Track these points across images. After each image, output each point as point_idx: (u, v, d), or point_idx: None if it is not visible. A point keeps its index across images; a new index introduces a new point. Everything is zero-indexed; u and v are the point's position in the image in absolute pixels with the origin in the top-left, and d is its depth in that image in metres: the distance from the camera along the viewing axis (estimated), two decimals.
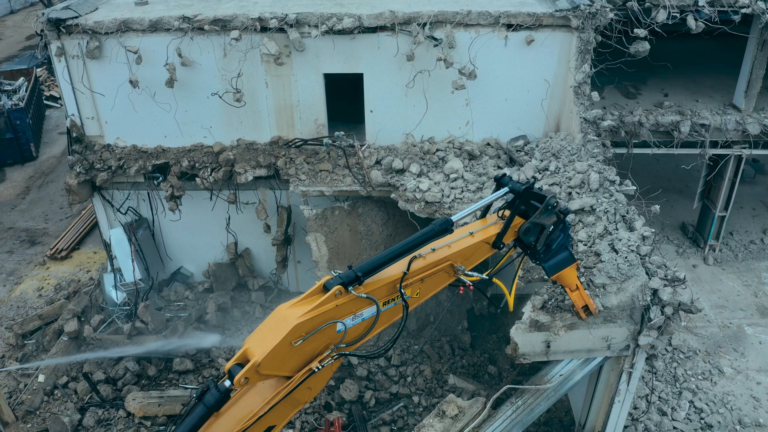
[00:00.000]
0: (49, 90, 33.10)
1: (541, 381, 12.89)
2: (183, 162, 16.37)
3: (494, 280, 9.30)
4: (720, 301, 18.19)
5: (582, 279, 12.60)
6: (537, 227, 9.27)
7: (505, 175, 9.37)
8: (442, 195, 14.92)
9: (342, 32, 15.22)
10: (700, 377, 16.20)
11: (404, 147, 16.15)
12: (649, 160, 21.59)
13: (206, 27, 15.17)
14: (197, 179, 16.34)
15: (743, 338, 17.14)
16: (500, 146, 16.22)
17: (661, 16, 15.63)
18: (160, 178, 16.57)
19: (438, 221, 8.06)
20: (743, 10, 15.88)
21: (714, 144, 17.86)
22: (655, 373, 16.14)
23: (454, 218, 8.21)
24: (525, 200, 8.95)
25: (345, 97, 16.71)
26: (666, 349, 16.89)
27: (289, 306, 6.96)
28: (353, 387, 15.44)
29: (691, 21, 15.73)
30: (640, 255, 12.67)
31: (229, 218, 17.31)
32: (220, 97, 15.77)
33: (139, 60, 15.43)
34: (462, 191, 15.03)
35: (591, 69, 15.31)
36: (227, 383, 6.64)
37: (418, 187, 15.05)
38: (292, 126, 16.41)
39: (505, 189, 9.15)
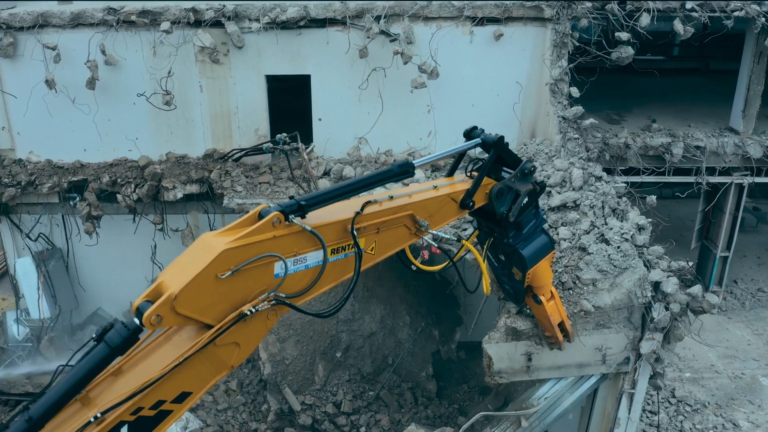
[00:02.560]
0: None
1: (522, 407, 10.21)
2: (103, 178, 14.13)
3: (464, 242, 8.34)
4: (728, 351, 15.73)
5: (566, 278, 10.23)
6: (510, 194, 8.03)
7: (476, 128, 8.21)
8: None
9: (286, 25, 13.48)
10: (712, 431, 13.46)
11: (356, 153, 14.04)
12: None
13: (134, 18, 13.39)
14: (119, 196, 14.07)
15: (759, 389, 14.64)
16: (469, 158, 14.09)
17: (645, 20, 14.05)
18: (77, 198, 14.28)
19: (398, 162, 7.08)
20: (736, 13, 14.32)
21: (711, 171, 15.90)
22: (658, 426, 13.38)
23: (415, 163, 7.10)
24: (496, 168, 8.02)
25: (292, 118, 14.72)
26: (669, 401, 14.25)
27: (216, 234, 5.72)
28: None
29: (678, 26, 14.15)
30: (636, 245, 10.35)
31: (155, 246, 14.86)
32: (147, 99, 13.76)
33: (58, 58, 13.60)
34: None
35: (568, 64, 13.51)
36: (136, 321, 5.21)
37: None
38: (229, 137, 14.36)
39: (477, 141, 8.02)
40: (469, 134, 8.15)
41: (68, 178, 14.27)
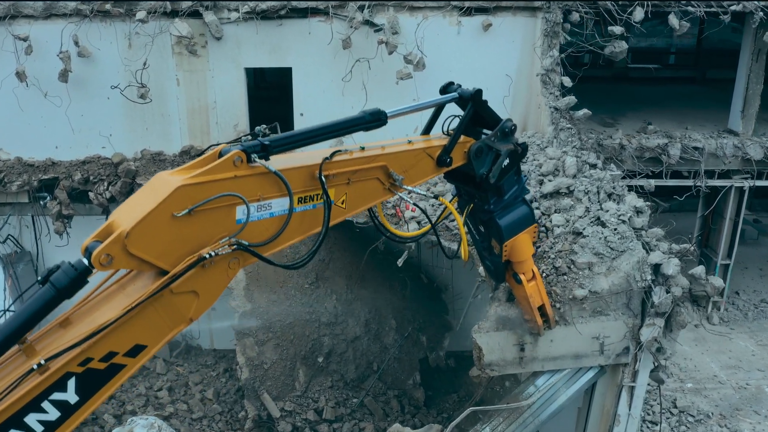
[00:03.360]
0: None
1: (515, 401, 9.43)
2: (75, 176, 13.51)
3: (440, 199, 7.90)
4: (732, 362, 14.96)
5: (560, 263, 9.56)
6: (490, 154, 7.57)
7: (452, 83, 7.71)
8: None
9: (267, 15, 13.00)
10: None
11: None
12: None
13: (108, 8, 12.90)
14: (91, 194, 13.45)
15: (765, 400, 13.89)
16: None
17: (639, 14, 13.60)
18: (47, 198, 13.64)
19: (369, 110, 6.64)
20: (733, 8, 13.88)
21: (710, 175, 15.29)
22: None
23: (388, 112, 6.72)
24: (476, 130, 7.54)
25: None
26: (671, 412, 13.44)
27: (172, 172, 5.41)
28: None
29: (673, 20, 13.69)
30: (634, 228, 9.69)
31: None
32: (122, 92, 13.21)
33: (29, 50, 13.05)
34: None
35: (559, 54, 13.00)
36: (85, 261, 4.83)
37: None
38: (207, 133, 13.83)
39: (453, 95, 7.55)
40: (446, 89, 7.68)
41: (38, 177, 13.69)
